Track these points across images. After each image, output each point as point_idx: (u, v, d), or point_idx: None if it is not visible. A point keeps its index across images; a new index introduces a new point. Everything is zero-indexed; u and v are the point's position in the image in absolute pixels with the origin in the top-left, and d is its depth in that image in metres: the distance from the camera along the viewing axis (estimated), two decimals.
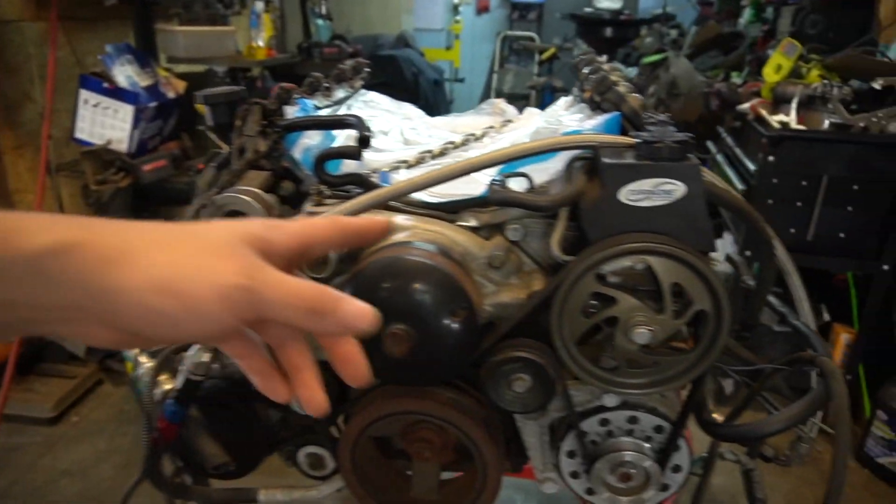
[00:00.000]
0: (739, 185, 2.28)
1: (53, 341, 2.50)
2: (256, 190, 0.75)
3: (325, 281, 0.75)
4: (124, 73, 2.31)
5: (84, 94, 2.31)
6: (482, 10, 7.30)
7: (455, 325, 0.72)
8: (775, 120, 2.08)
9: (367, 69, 1.32)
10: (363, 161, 0.95)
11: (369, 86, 1.27)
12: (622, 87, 0.85)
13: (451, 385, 0.83)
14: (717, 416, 0.78)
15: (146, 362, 0.82)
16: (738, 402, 0.86)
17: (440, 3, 7.09)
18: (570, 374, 0.76)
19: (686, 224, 0.67)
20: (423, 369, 0.75)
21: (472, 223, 0.81)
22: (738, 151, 2.41)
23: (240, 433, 0.87)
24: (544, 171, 0.83)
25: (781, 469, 2.36)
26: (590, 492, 0.85)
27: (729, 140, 2.56)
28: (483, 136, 1.19)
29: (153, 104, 2.41)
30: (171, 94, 2.52)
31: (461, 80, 6.64)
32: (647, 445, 0.81)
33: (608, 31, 4.17)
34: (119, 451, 2.20)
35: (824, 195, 2.06)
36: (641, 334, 0.68)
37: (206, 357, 0.74)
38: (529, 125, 1.13)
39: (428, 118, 1.34)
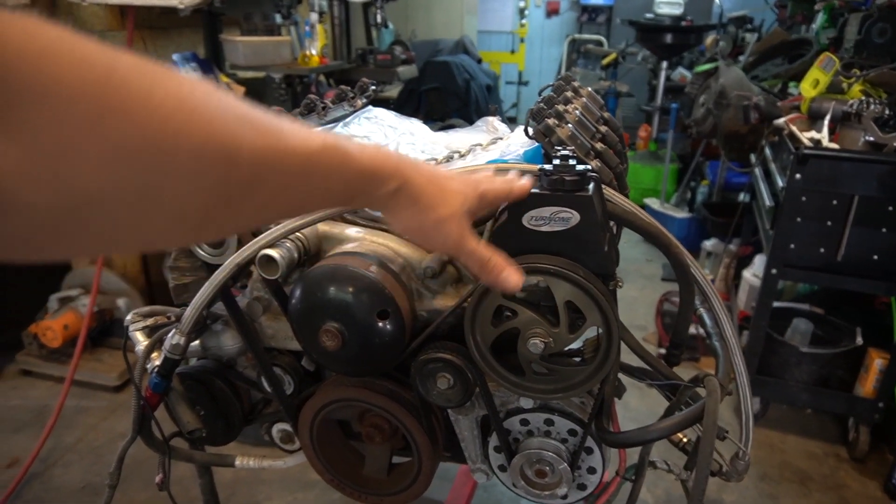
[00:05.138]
0: (769, 202, 2.24)
1: (122, 319, 2.80)
2: None
3: (275, 282, 0.88)
4: None
5: None
6: (552, 12, 7.30)
7: (381, 326, 0.83)
8: (807, 137, 2.04)
9: (373, 87, 1.44)
10: None
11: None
12: (554, 119, 0.92)
13: (394, 379, 0.94)
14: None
15: (143, 340, 0.98)
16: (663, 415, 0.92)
17: (509, 5, 7.16)
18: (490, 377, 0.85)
19: (580, 248, 0.75)
20: (356, 362, 0.86)
21: None
22: (773, 167, 2.36)
23: (218, 407, 1.02)
24: None
25: (801, 493, 2.30)
26: (514, 484, 0.94)
27: (768, 153, 2.50)
28: (468, 152, 1.29)
29: None
30: None
31: (525, 84, 6.68)
32: (562, 447, 0.89)
33: (668, 38, 4.09)
34: (169, 420, 2.45)
35: (856, 215, 2.00)
36: (535, 345, 0.76)
37: (182, 340, 0.89)
38: (511, 144, 1.22)
39: (429, 134, 1.45)
